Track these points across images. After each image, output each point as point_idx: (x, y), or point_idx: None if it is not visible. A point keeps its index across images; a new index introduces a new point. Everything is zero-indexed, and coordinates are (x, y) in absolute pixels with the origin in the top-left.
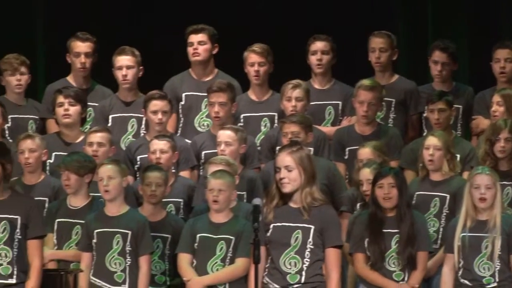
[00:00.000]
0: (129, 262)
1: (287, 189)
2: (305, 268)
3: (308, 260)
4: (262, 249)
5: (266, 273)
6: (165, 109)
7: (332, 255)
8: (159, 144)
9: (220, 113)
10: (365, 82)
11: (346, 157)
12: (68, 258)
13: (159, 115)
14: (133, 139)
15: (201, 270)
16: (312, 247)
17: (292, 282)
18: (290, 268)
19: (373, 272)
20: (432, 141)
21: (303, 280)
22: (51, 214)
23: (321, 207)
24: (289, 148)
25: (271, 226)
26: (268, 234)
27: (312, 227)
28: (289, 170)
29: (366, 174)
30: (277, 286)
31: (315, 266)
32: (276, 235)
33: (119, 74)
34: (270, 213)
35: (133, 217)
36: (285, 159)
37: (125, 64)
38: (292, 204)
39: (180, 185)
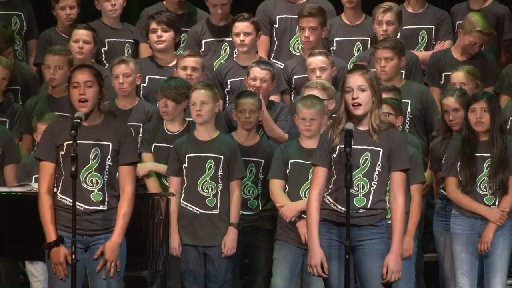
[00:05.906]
0: (221, 187)
1: (359, 111)
2: (372, 192)
3: (376, 183)
4: (325, 171)
5: (328, 192)
6: (247, 30)
7: (399, 179)
8: (260, 73)
9: (311, 38)
10: (483, 26)
11: (442, 81)
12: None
13: (241, 37)
14: None
15: (294, 195)
16: (380, 170)
17: (358, 206)
18: (357, 191)
19: (464, 196)
20: None
21: (369, 205)
22: (149, 135)
23: (389, 130)
24: (360, 70)
25: (337, 148)
26: (334, 155)
27: (381, 150)
28: (362, 90)
29: (450, 103)
30: (342, 208)
31: (381, 190)
32: (344, 157)
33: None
34: (337, 137)
35: (225, 142)
36: (358, 79)
37: None
38: (359, 127)
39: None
